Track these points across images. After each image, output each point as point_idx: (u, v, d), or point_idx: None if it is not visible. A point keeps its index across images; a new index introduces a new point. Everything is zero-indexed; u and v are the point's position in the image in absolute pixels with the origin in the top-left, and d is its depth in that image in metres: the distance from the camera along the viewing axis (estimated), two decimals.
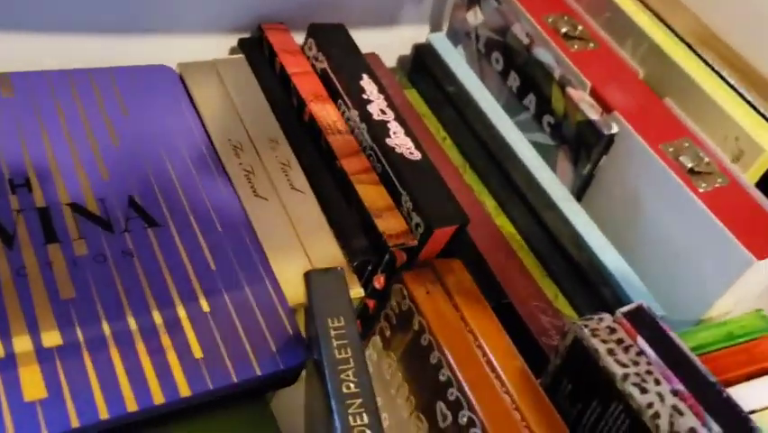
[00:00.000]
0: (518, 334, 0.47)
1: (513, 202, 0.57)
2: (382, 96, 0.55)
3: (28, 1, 0.51)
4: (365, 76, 0.56)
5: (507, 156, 0.59)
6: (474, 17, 0.63)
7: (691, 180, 0.51)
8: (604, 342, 0.41)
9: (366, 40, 0.61)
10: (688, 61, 0.57)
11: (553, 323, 0.49)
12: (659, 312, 0.50)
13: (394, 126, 0.53)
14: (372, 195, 0.51)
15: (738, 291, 0.49)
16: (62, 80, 0.51)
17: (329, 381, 0.36)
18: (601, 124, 0.53)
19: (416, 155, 0.52)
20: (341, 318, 0.38)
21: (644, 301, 0.43)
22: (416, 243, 0.49)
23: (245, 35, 0.60)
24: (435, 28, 0.71)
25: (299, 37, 0.60)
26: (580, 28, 0.61)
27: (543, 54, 0.57)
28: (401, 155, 0.51)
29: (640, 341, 0.41)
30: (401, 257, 0.49)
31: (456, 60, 0.65)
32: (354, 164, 0.52)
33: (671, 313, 0.51)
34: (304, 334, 0.43)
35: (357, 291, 0.47)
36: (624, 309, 0.43)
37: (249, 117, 0.54)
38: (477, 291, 0.48)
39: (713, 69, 0.57)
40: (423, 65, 0.67)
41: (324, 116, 0.55)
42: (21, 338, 0.38)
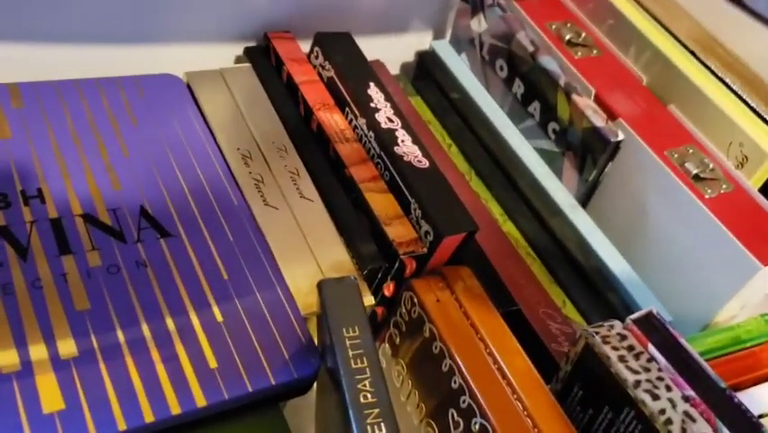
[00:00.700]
0: (528, 340, 0.48)
1: (519, 209, 0.58)
2: (389, 104, 0.55)
3: (35, 12, 0.51)
4: (372, 84, 0.57)
5: (512, 163, 0.59)
6: (478, 24, 0.63)
7: (697, 187, 0.51)
8: (615, 349, 0.41)
9: (369, 47, 0.61)
10: (691, 68, 0.58)
11: (562, 329, 0.50)
12: (667, 318, 0.51)
13: (401, 134, 0.54)
14: (381, 203, 0.51)
15: (744, 297, 0.50)
16: (71, 90, 0.51)
17: (346, 391, 0.36)
18: (607, 131, 0.54)
19: (424, 163, 0.52)
20: (355, 328, 0.39)
21: (654, 308, 0.44)
22: (425, 250, 0.49)
23: (251, 44, 0.61)
24: (438, 35, 0.71)
25: (304, 45, 0.60)
26: (583, 35, 0.62)
27: (548, 62, 0.57)
28: (409, 163, 0.52)
29: (651, 348, 0.41)
30: (411, 265, 0.49)
31: (460, 67, 0.65)
32: (363, 172, 0.53)
33: (677, 318, 0.51)
34: (316, 342, 0.44)
35: (368, 300, 0.48)
36: (634, 316, 0.43)
37: (257, 126, 0.54)
38: (486, 298, 0.48)
39: (716, 75, 0.57)
40: (426, 72, 0.67)
41: (332, 125, 0.55)
42: (37, 350, 0.38)
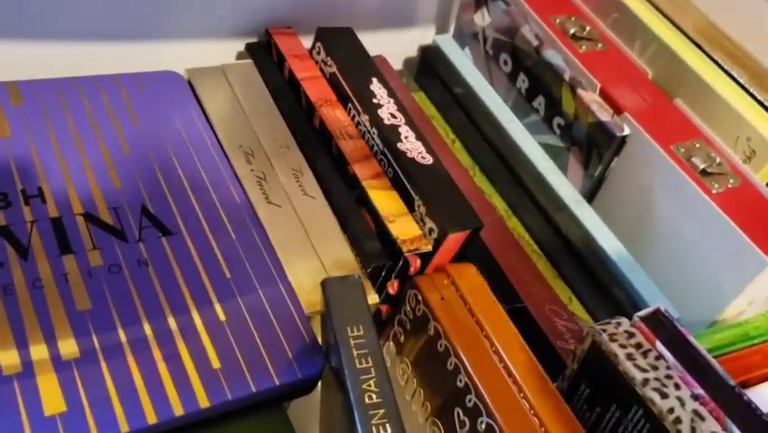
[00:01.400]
0: (533, 337, 0.47)
1: (524, 204, 0.57)
2: (392, 100, 0.55)
3: (34, 9, 0.51)
4: (374, 80, 0.56)
5: (516, 158, 0.59)
6: (482, 19, 0.63)
7: (704, 181, 0.51)
8: (623, 347, 0.41)
9: (371, 42, 0.60)
10: (697, 61, 0.57)
11: (568, 326, 0.49)
12: (674, 315, 0.50)
13: (405, 131, 0.53)
14: (385, 200, 0.51)
15: (752, 292, 0.49)
16: (70, 88, 0.51)
17: (350, 391, 0.36)
18: (613, 125, 0.53)
19: (428, 159, 0.52)
20: (360, 327, 0.38)
21: (662, 305, 0.43)
22: (430, 248, 0.49)
23: (252, 40, 0.60)
24: (441, 30, 0.71)
25: (306, 40, 0.60)
26: (587, 29, 0.61)
27: (552, 56, 0.57)
28: (413, 159, 0.51)
29: (659, 345, 0.41)
30: (415, 262, 0.49)
31: (463, 62, 0.65)
32: (366, 169, 0.52)
33: (684, 314, 0.51)
34: (320, 341, 0.43)
35: (372, 298, 0.47)
36: (641, 313, 0.42)
37: (259, 123, 0.54)
38: (491, 295, 0.48)
39: (723, 68, 0.57)
40: (429, 67, 0.66)
41: (335, 121, 0.54)
42: (38, 351, 0.38)
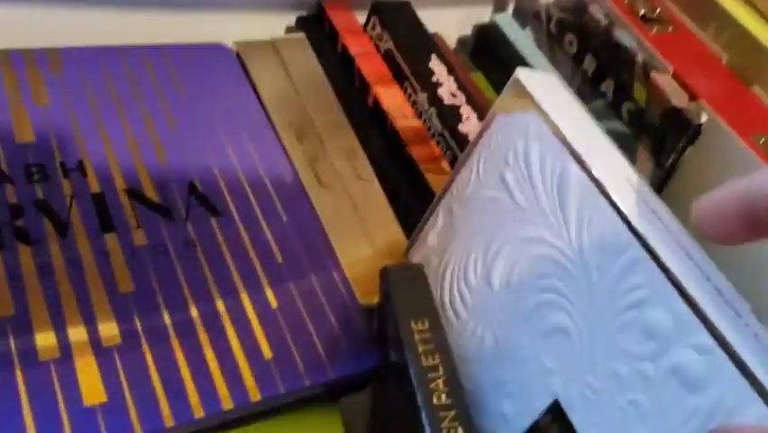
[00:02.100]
0: None
1: None
2: (452, 78, 0.52)
3: None
4: (433, 56, 0.53)
5: None
6: None
7: None
8: None
9: (424, 19, 0.57)
10: None
11: None
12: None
13: (466, 111, 0.50)
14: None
15: None
16: (114, 57, 0.48)
17: (417, 391, 0.32)
18: (690, 112, 0.49)
19: None
20: (425, 321, 0.35)
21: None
22: None
23: (303, 13, 0.57)
24: (498, 8, 0.67)
25: (359, 15, 0.57)
26: (658, 10, 0.57)
27: (624, 37, 0.53)
28: None
29: None
30: None
31: (524, 42, 0.61)
32: (423, 151, 0.49)
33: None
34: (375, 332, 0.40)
35: None
36: None
37: (311, 101, 0.51)
38: None
39: None
40: (486, 47, 0.63)
41: (390, 100, 0.51)
42: (78, 337, 0.35)
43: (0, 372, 0.33)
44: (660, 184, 0.53)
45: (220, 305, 0.38)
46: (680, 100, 0.50)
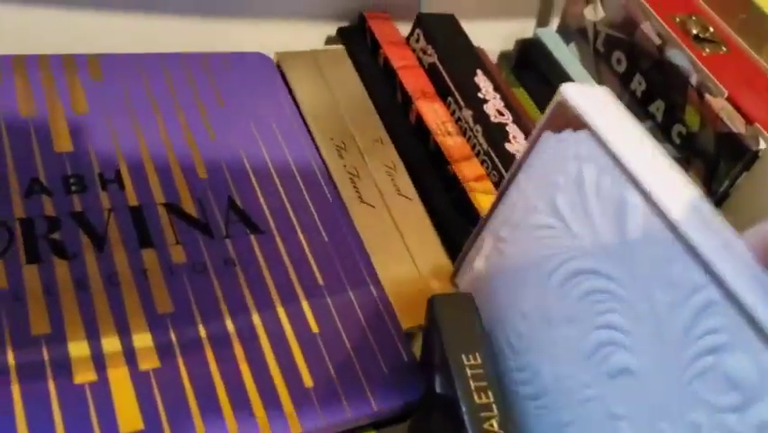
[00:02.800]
0: None
1: None
2: (498, 96, 0.50)
3: None
4: (479, 72, 0.51)
5: None
6: (593, 13, 0.57)
7: None
8: None
9: (467, 32, 0.55)
10: None
11: None
12: None
13: (513, 130, 0.48)
14: (488, 205, 0.46)
15: None
16: (154, 65, 0.47)
17: (470, 431, 0.31)
18: (747, 137, 0.47)
19: None
20: (476, 355, 0.33)
21: None
22: None
23: (344, 23, 0.56)
24: (542, 23, 0.65)
25: (401, 27, 0.55)
26: (711, 30, 0.56)
27: (677, 57, 0.51)
28: None
29: None
30: None
31: (568, 59, 0.59)
32: (468, 170, 0.47)
33: None
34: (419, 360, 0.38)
35: None
36: None
37: (351, 114, 0.49)
38: None
39: None
40: (529, 62, 0.61)
41: (433, 116, 0.50)
42: (114, 360, 0.34)
43: (35, 395, 0.32)
44: None
45: (260, 329, 0.37)
46: (736, 125, 0.48)
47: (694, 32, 0.55)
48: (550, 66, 0.60)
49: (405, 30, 0.55)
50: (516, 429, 0.31)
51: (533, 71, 0.61)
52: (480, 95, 0.49)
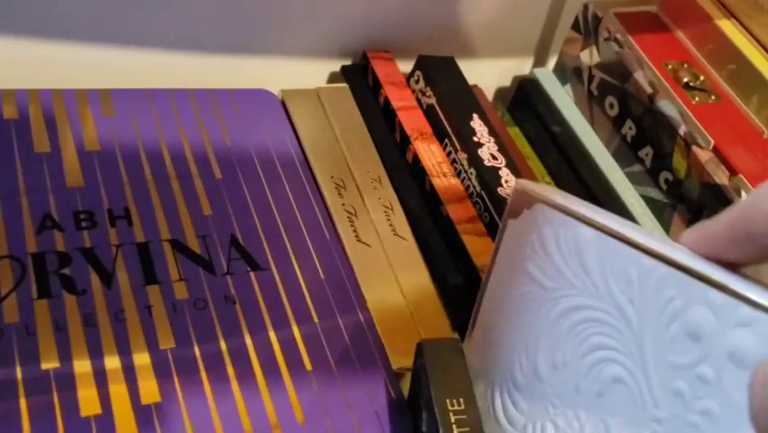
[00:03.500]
0: None
1: None
2: (493, 139, 0.52)
3: (132, 18, 0.49)
4: (475, 116, 0.53)
5: (615, 209, 0.55)
6: (589, 57, 0.59)
7: None
8: None
9: (464, 70, 0.57)
10: None
11: None
12: None
13: (505, 174, 0.50)
14: (479, 247, 0.48)
15: None
16: (163, 99, 0.49)
17: None
18: (729, 189, 0.49)
19: None
20: (461, 401, 0.35)
21: None
22: None
23: (348, 61, 0.58)
24: (539, 62, 0.67)
25: (401, 64, 0.57)
26: (701, 78, 0.58)
27: (667, 107, 0.53)
28: None
29: None
30: None
31: (563, 99, 0.61)
32: (460, 212, 0.49)
33: None
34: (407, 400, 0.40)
35: None
36: None
37: (352, 153, 0.51)
38: None
39: None
40: (525, 101, 0.63)
41: (429, 156, 0.52)
42: (119, 394, 0.36)
43: (42, 426, 0.34)
44: None
45: (256, 366, 0.39)
46: (720, 177, 0.50)
47: (685, 80, 0.57)
48: (544, 105, 0.62)
49: (406, 67, 0.57)
50: None
51: (528, 109, 0.63)
52: (476, 138, 0.51)
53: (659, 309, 0.30)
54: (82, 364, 0.36)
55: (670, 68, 0.58)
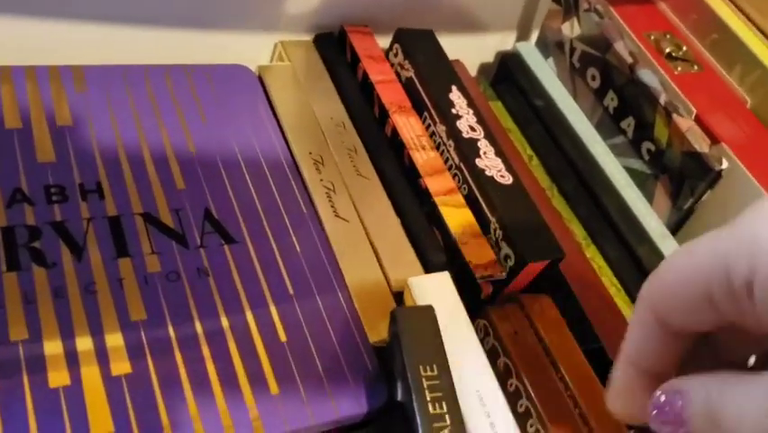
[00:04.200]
0: None
1: (604, 233, 0.53)
2: (471, 111, 0.51)
3: None
4: (454, 88, 0.53)
5: (598, 181, 0.55)
6: (570, 29, 0.59)
7: None
8: None
9: (446, 45, 0.57)
10: None
11: None
12: None
13: (484, 145, 0.50)
14: (457, 219, 0.47)
15: None
16: (137, 75, 0.48)
17: None
18: (710, 157, 0.49)
19: (508, 179, 0.48)
20: (434, 366, 0.35)
21: None
22: (504, 275, 0.45)
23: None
24: (522, 36, 0.67)
25: (380, 39, 0.57)
26: (684, 48, 0.57)
27: (647, 76, 0.53)
28: (491, 178, 0.48)
29: None
30: (487, 289, 0.45)
31: (546, 73, 0.61)
32: (438, 184, 0.49)
33: None
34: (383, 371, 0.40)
35: None
36: None
37: (329, 128, 0.51)
38: (569, 334, 0.44)
39: None
40: (508, 75, 0.63)
41: (408, 130, 0.51)
42: (88, 363, 0.35)
43: (11, 397, 0.33)
44: (677, 226, 0.53)
45: (229, 337, 0.38)
46: (701, 145, 0.50)
47: (667, 50, 0.57)
48: (527, 79, 0.61)
49: (383, 42, 0.56)
50: None
51: (511, 84, 0.62)
52: (454, 110, 0.51)
53: None
54: (51, 336, 0.36)
55: (652, 38, 0.58)
